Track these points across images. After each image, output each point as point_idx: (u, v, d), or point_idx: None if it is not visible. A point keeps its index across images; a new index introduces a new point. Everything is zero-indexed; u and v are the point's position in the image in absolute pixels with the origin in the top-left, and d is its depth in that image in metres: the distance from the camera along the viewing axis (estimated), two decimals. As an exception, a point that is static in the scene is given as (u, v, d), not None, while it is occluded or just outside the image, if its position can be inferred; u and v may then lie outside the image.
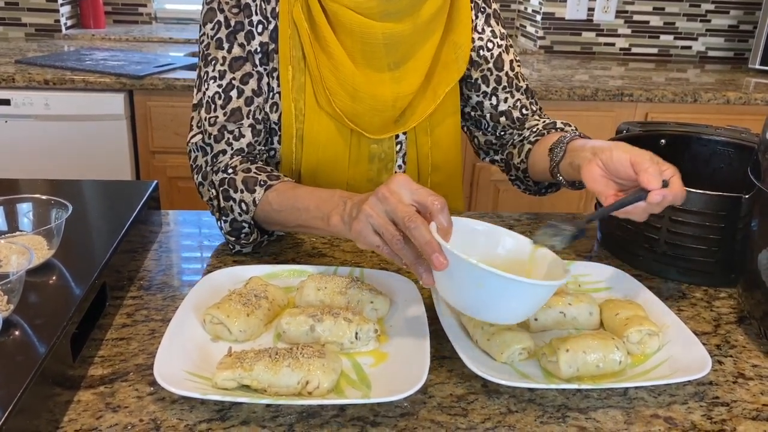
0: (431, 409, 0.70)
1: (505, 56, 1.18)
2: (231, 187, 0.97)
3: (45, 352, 0.63)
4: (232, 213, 0.97)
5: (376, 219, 0.76)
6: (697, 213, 0.94)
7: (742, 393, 0.75)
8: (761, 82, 2.62)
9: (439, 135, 1.16)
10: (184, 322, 0.78)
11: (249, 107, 1.04)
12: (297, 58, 1.05)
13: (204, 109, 1.04)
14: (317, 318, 0.77)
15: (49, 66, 2.20)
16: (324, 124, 1.08)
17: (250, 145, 1.04)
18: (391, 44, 1.06)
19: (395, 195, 0.75)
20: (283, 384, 0.68)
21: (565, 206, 2.40)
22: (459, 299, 0.74)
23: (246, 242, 1.00)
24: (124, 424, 0.65)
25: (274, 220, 0.96)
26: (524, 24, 3.08)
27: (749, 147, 1.08)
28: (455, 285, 0.73)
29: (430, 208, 0.74)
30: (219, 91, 1.03)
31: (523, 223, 1.18)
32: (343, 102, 1.06)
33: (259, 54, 1.05)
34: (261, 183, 0.96)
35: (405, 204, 0.74)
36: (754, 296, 0.84)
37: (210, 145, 1.03)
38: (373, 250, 0.79)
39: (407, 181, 0.76)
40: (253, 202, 0.95)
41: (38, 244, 0.79)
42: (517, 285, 0.69)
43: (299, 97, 1.07)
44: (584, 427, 0.68)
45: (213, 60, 1.04)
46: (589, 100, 2.32)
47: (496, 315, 0.73)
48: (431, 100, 1.13)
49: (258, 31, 1.04)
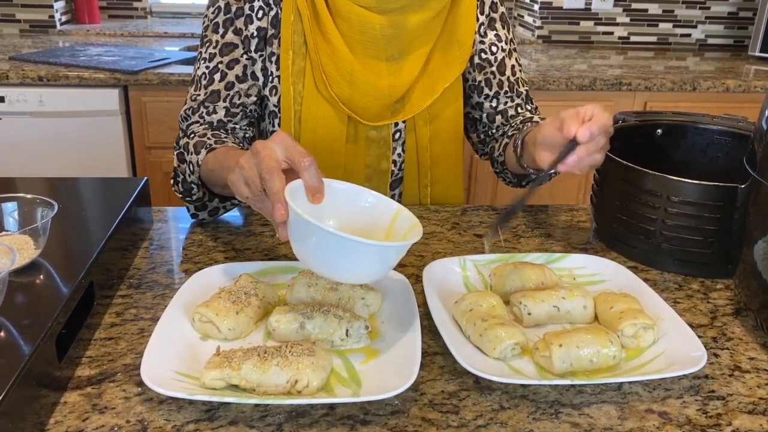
0: (422, 407, 0.69)
1: (508, 61, 1.20)
2: (185, 150, 1.05)
3: (29, 353, 0.63)
4: (184, 174, 1.05)
5: (247, 171, 0.77)
6: (693, 204, 0.93)
7: (738, 386, 0.74)
8: (761, 70, 2.60)
9: (438, 126, 1.17)
10: (173, 321, 0.77)
11: (228, 92, 1.10)
12: (298, 43, 1.09)
13: (193, 86, 1.12)
14: (307, 315, 0.76)
15: (43, 62, 2.18)
16: (322, 108, 1.11)
17: (221, 121, 1.10)
18: (390, 37, 1.08)
19: (268, 149, 0.76)
20: (272, 383, 0.68)
21: (564, 198, 2.39)
22: (301, 255, 0.74)
23: (192, 201, 1.06)
24: (111, 425, 0.65)
25: (211, 180, 1.00)
26: (522, 14, 3.06)
27: (747, 136, 1.07)
28: (296, 240, 0.73)
29: (297, 166, 0.75)
30: (206, 72, 1.10)
31: (518, 215, 1.17)
32: (340, 88, 1.09)
33: (256, 39, 1.09)
34: (207, 146, 1.01)
35: (273, 159, 0.75)
36: (750, 287, 0.82)
37: (188, 116, 1.11)
38: (245, 201, 0.80)
39: (284, 137, 0.77)
40: (197, 162, 1.01)
41: (24, 244, 0.78)
42: (344, 242, 0.68)
43: (298, 81, 1.10)
44: (577, 423, 0.67)
45: (207, 42, 1.11)
46: (587, 90, 2.30)
47: (335, 272, 0.74)
48: (429, 95, 1.14)
49: (258, 16, 1.09)
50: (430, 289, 0.84)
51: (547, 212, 1.19)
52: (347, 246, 0.69)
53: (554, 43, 2.93)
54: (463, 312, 0.80)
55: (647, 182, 0.95)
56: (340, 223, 0.80)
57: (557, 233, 1.10)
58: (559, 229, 1.12)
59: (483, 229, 1.09)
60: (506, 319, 0.79)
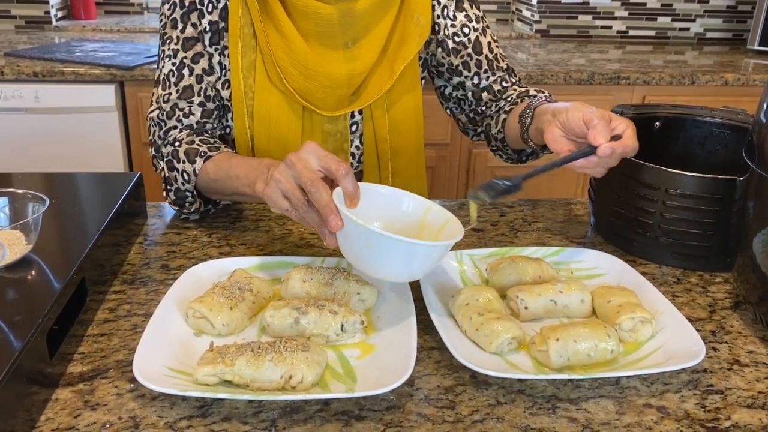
0: (418, 402, 0.68)
1: (483, 39, 1.17)
2: (175, 158, 1.03)
3: (19, 349, 0.62)
4: (176, 183, 1.04)
5: (284, 184, 0.79)
6: (692, 196, 0.92)
7: (737, 380, 0.73)
8: (760, 63, 2.59)
9: (396, 116, 1.15)
10: (166, 317, 0.76)
11: (200, 85, 1.08)
12: (248, 35, 1.07)
13: (161, 86, 1.09)
14: (302, 310, 0.76)
15: (38, 58, 2.17)
16: (275, 102, 1.09)
17: (199, 123, 1.09)
18: (346, 23, 1.06)
19: (303, 161, 0.78)
20: (266, 379, 0.67)
21: (563, 192, 2.38)
22: (355, 258, 0.78)
23: (189, 211, 1.07)
24: (103, 422, 0.64)
25: (212, 189, 1.02)
26: (520, 8, 3.05)
27: (745, 128, 1.06)
28: (350, 245, 0.77)
29: (335, 174, 0.78)
30: (173, 69, 1.08)
31: (515, 209, 1.16)
32: (294, 79, 1.07)
33: (209, 33, 1.08)
34: (201, 154, 1.01)
35: (310, 170, 0.77)
36: (749, 281, 0.82)
37: (163, 120, 1.08)
38: (282, 213, 0.82)
39: (316, 148, 0.79)
40: (193, 172, 1.01)
41: (15, 240, 0.77)
42: (397, 244, 0.73)
43: (249, 75, 1.08)
44: (575, 418, 0.67)
45: (168, 39, 1.09)
46: (585, 84, 2.29)
47: (387, 272, 0.77)
48: (388, 77, 1.12)
49: (208, 10, 1.07)
50: (427, 284, 0.84)
51: (545, 206, 1.18)
52: (402, 247, 0.73)
53: (552, 38, 2.91)
54: (460, 306, 0.79)
55: (645, 175, 0.95)
56: (384, 224, 0.83)
57: (555, 227, 1.09)
58: (556, 222, 1.11)
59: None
60: (503, 313, 0.78)
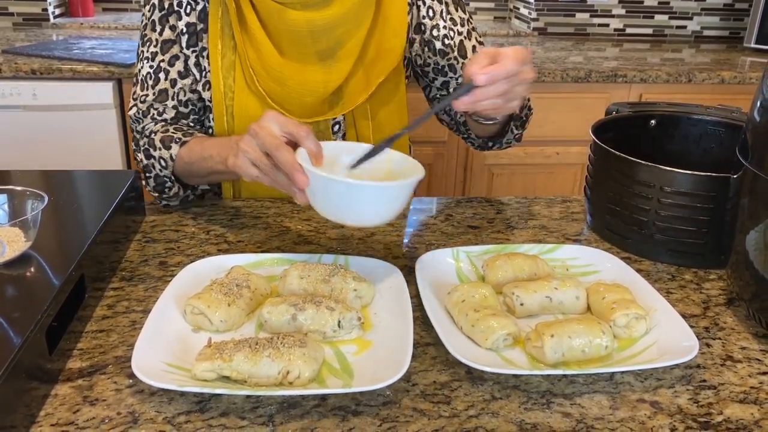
0: (414, 397, 0.69)
1: (467, 43, 1.17)
2: (151, 146, 1.07)
3: (19, 345, 0.62)
4: (154, 169, 1.07)
5: (251, 153, 0.83)
6: (686, 194, 0.93)
7: (729, 375, 0.74)
8: (756, 61, 2.59)
9: (380, 118, 1.16)
10: (165, 313, 0.77)
11: (174, 89, 1.11)
12: (228, 36, 1.08)
13: (139, 87, 1.13)
14: (299, 307, 0.76)
15: (36, 55, 2.17)
16: (252, 103, 1.10)
17: (174, 118, 1.12)
18: (316, 32, 1.06)
19: (265, 129, 0.82)
20: (264, 374, 0.67)
21: (559, 190, 2.39)
22: (325, 211, 0.82)
23: (168, 196, 1.10)
24: (102, 417, 0.64)
25: (190, 172, 1.05)
26: (518, 6, 3.05)
27: (740, 126, 1.06)
28: (319, 199, 0.81)
29: (297, 137, 0.82)
30: (150, 72, 1.11)
31: (512, 206, 1.16)
32: (267, 85, 1.09)
33: (186, 35, 1.09)
34: (176, 140, 1.05)
35: (273, 136, 0.82)
36: (742, 277, 0.82)
37: (140, 118, 1.13)
38: (254, 180, 0.85)
39: (275, 115, 0.84)
40: (170, 157, 1.05)
41: (14, 237, 0.78)
42: (361, 188, 0.77)
43: (228, 75, 1.10)
44: (569, 413, 0.67)
45: (148, 41, 1.11)
46: (582, 82, 2.30)
47: (358, 218, 0.82)
48: (363, 89, 1.12)
49: (186, 12, 1.09)
50: (423, 281, 0.84)
51: (541, 203, 1.18)
52: (367, 192, 0.78)
53: (550, 35, 2.92)
54: (456, 303, 0.80)
55: (640, 173, 0.95)
56: (350, 176, 0.85)
57: (551, 224, 1.10)
58: (552, 220, 1.12)
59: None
60: (498, 309, 0.79)
